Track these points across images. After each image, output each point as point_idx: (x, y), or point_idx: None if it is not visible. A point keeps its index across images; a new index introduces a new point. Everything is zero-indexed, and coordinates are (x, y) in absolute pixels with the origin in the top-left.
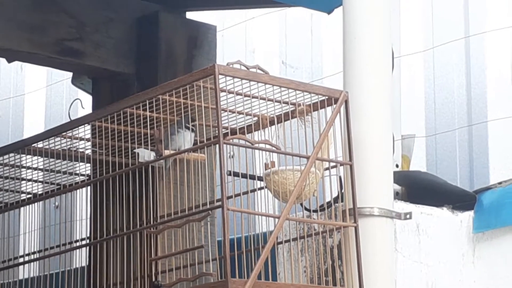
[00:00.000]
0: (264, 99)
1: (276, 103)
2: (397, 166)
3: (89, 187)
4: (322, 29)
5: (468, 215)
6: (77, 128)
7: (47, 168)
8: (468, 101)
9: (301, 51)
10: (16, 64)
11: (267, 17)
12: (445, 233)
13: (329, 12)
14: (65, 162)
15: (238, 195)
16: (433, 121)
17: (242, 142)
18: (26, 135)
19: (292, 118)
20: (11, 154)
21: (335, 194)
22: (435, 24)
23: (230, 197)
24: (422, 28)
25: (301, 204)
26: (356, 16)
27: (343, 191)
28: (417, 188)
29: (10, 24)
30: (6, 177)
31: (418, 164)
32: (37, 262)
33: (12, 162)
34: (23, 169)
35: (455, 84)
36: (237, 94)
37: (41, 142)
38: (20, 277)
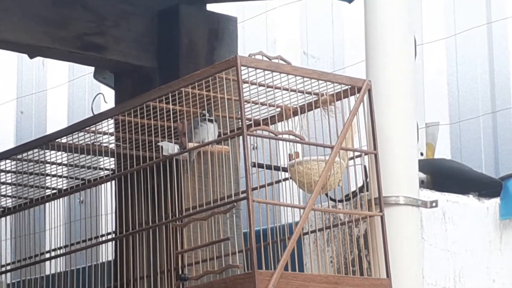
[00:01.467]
0: (287, 89)
1: (299, 94)
2: (421, 154)
3: (113, 182)
4: (343, 18)
5: (495, 202)
6: (100, 123)
7: (71, 163)
8: (491, 87)
9: (323, 41)
10: (38, 60)
11: (287, 7)
12: (471, 221)
13: (350, 1)
14: (89, 156)
15: (263, 186)
16: (457, 109)
17: (266, 133)
18: (49, 131)
19: (315, 108)
20: (35, 150)
21: (360, 184)
22: (457, 10)
23: (255, 188)
24: (444, 15)
25: (326, 194)
26: (377, 5)
27: (368, 180)
28: (443, 176)
29: (31, 19)
30: (31, 173)
31: (443, 152)
32: (63, 257)
33: (36, 158)
34: (47, 165)
35: (478, 70)
36: (260, 85)
37: (65, 137)
38: (47, 272)
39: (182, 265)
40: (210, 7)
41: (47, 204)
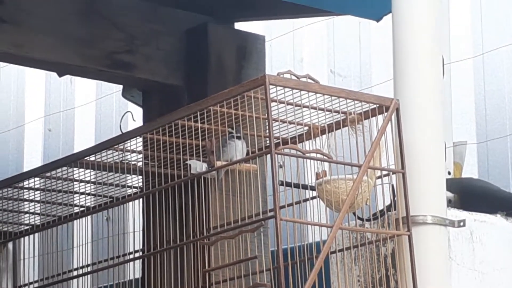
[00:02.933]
0: (314, 108)
1: (326, 112)
2: (449, 173)
3: (141, 199)
4: (370, 37)
5: None
6: (128, 141)
7: (99, 181)
8: None
9: (350, 60)
10: (66, 78)
11: (314, 26)
12: (499, 240)
13: (378, 20)
14: (117, 174)
15: (290, 205)
16: (485, 128)
17: (293, 151)
18: (76, 149)
19: (343, 127)
20: (64, 168)
21: (387, 203)
22: (485, 29)
23: (283, 207)
24: (472, 34)
25: (354, 213)
26: (405, 23)
27: (395, 199)
28: (470, 195)
29: (60, 38)
30: (59, 191)
31: (470, 171)
32: (90, 275)
33: (64, 176)
34: (75, 183)
35: (506, 89)
36: (288, 103)
37: (93, 155)
38: None
39: (209, 283)
40: (238, 25)
41: (74, 222)
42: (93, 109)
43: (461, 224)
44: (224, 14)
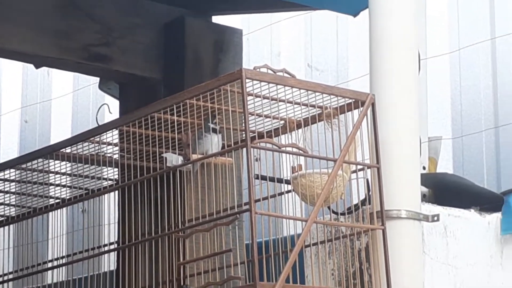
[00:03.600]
0: (291, 102)
1: (303, 107)
2: (424, 168)
3: (116, 192)
4: (347, 32)
5: (496, 216)
6: (104, 133)
7: (75, 173)
8: (494, 102)
9: (327, 54)
10: (43, 69)
11: (292, 20)
12: (473, 235)
13: (355, 15)
14: (92, 167)
15: (266, 198)
16: (460, 123)
17: (269, 145)
18: (53, 140)
19: (319, 121)
20: (39, 160)
21: (362, 197)
22: (461, 25)
23: (258, 200)
24: (448, 30)
25: (329, 207)
26: (382, 19)
27: (370, 193)
28: (444, 190)
29: (37, 30)
30: (34, 182)
31: (445, 166)
32: (65, 267)
33: (40, 167)
34: (50, 174)
35: (482, 85)
36: (264, 97)
37: (69, 147)
38: (49, 281)
39: (184, 276)
40: (216, 19)
41: (49, 213)
42: (70, 101)
43: (435, 218)
44: (202, 7)
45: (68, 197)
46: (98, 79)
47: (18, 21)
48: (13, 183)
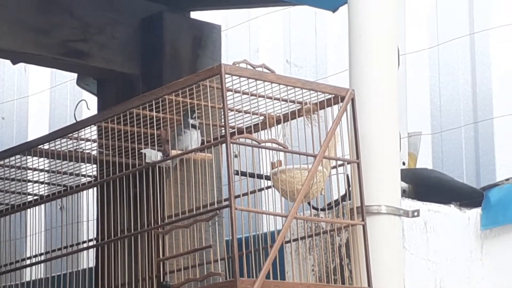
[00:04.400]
0: (270, 98)
1: (282, 102)
2: (403, 163)
3: (95, 188)
4: (326, 28)
5: (476, 212)
6: (83, 129)
7: (53, 169)
8: (473, 98)
9: (306, 50)
10: (20, 65)
11: (270, 16)
12: (453, 230)
13: (334, 10)
14: (71, 163)
15: (245, 194)
16: (439, 119)
17: (248, 141)
18: (30, 137)
19: (298, 116)
20: (17, 156)
21: (342, 193)
22: (440, 21)
23: (238, 196)
24: (427, 26)
25: (309, 203)
26: (361, 14)
27: (350, 189)
28: (424, 186)
29: (14, 25)
30: (12, 179)
31: (425, 162)
32: (43, 264)
33: (18, 164)
34: (28, 171)
35: (461, 81)
36: (244, 93)
37: (47, 143)
38: (27, 279)
39: (163, 272)
40: (194, 15)
41: (28, 210)
42: (47, 98)
43: (415, 214)
44: (180, 3)
45: (46, 194)
46: (75, 75)
47: None
48: None
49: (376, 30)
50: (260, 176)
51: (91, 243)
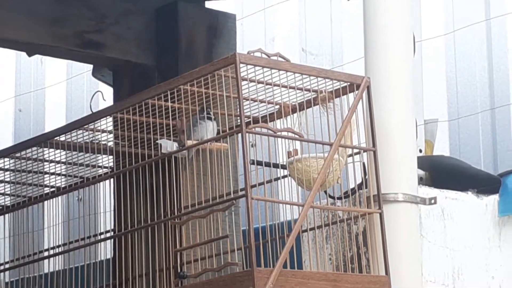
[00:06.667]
0: (285, 87)
1: (297, 91)
2: (420, 151)
3: (112, 180)
4: (342, 15)
5: (493, 198)
6: (99, 121)
7: (70, 161)
8: (490, 84)
9: (321, 38)
10: (36, 58)
11: (286, 4)
12: (470, 218)
13: None
14: (87, 154)
15: (262, 184)
16: (456, 105)
17: (264, 130)
18: (47, 129)
19: (314, 105)
20: (34, 148)
21: (359, 181)
22: (456, 7)
23: (254, 186)
24: (443, 12)
25: (325, 192)
26: (376, 1)
27: (367, 177)
28: (441, 173)
29: (29, 17)
30: (29, 171)
31: (442, 149)
32: (61, 255)
33: (34, 156)
34: (45, 163)
35: (477, 67)
36: (259, 82)
37: (63, 135)
38: (45, 270)
39: (181, 263)
40: (209, 4)
41: (45, 202)
42: (63, 89)
43: (432, 201)
44: None
45: (63, 186)
46: (91, 66)
47: (10, 8)
48: (8, 172)
49: (391, 17)
50: (276, 166)
51: (109, 235)
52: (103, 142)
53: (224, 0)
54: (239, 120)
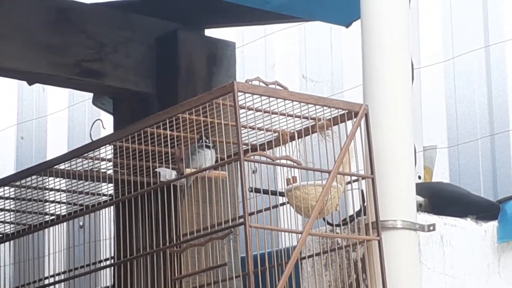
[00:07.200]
0: (284, 114)
1: (296, 119)
2: (419, 177)
3: (112, 207)
4: (341, 42)
5: (493, 225)
6: (98, 149)
7: (71, 189)
8: (489, 110)
9: (321, 65)
10: (38, 85)
11: (286, 32)
12: (469, 244)
13: (347, 26)
14: (88, 182)
15: (260, 211)
16: (455, 132)
17: (263, 158)
18: (49, 156)
19: (312, 133)
20: (34, 176)
21: (357, 208)
22: (455, 34)
23: (253, 213)
24: (442, 39)
25: (324, 219)
26: (374, 29)
27: (365, 204)
28: (440, 199)
29: (28, 46)
30: (30, 199)
31: (441, 175)
32: (63, 282)
33: (35, 184)
34: (46, 191)
35: (476, 93)
36: (257, 110)
37: (64, 163)
38: None
39: None
40: (209, 32)
41: (47, 230)
42: (65, 117)
43: (431, 228)
44: (194, 21)
45: (63, 214)
46: (92, 94)
47: (10, 37)
48: (9, 200)
49: (389, 44)
50: (274, 193)
51: (109, 262)
52: (103, 170)
53: (224, 28)
54: (237, 148)
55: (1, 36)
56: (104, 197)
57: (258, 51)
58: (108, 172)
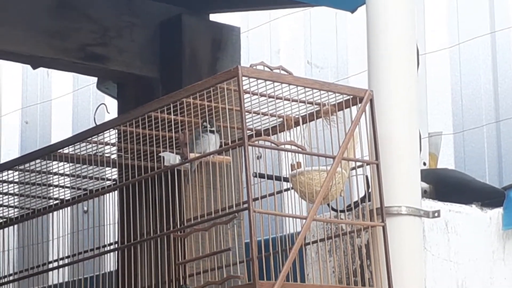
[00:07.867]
0: (288, 99)
1: (300, 104)
2: (424, 164)
3: (116, 192)
4: (347, 28)
5: (498, 212)
6: (102, 133)
7: (75, 173)
8: (495, 96)
9: (326, 50)
10: (43, 70)
11: (291, 17)
12: (474, 231)
13: (352, 11)
14: (91, 167)
15: (265, 196)
16: (461, 118)
17: (267, 143)
18: (53, 140)
19: (317, 118)
20: (38, 160)
21: (362, 194)
22: (461, 19)
23: (257, 199)
24: (447, 24)
25: (328, 205)
26: (379, 14)
27: (370, 190)
28: (445, 186)
29: (33, 30)
30: (34, 184)
31: (446, 162)
32: (68, 267)
33: (39, 169)
34: (51, 175)
35: (482, 80)
36: (261, 95)
37: (68, 148)
38: (51, 282)
39: (183, 275)
40: (213, 17)
41: (51, 214)
42: (70, 101)
43: (436, 214)
44: (199, 5)
45: (68, 198)
46: (96, 79)
47: (14, 22)
48: (14, 184)
49: (394, 30)
50: (279, 178)
51: (113, 247)
52: (107, 155)
53: (228, 13)
54: (241, 133)
55: (5, 20)
56: (108, 182)
57: (263, 36)
58: (112, 156)
